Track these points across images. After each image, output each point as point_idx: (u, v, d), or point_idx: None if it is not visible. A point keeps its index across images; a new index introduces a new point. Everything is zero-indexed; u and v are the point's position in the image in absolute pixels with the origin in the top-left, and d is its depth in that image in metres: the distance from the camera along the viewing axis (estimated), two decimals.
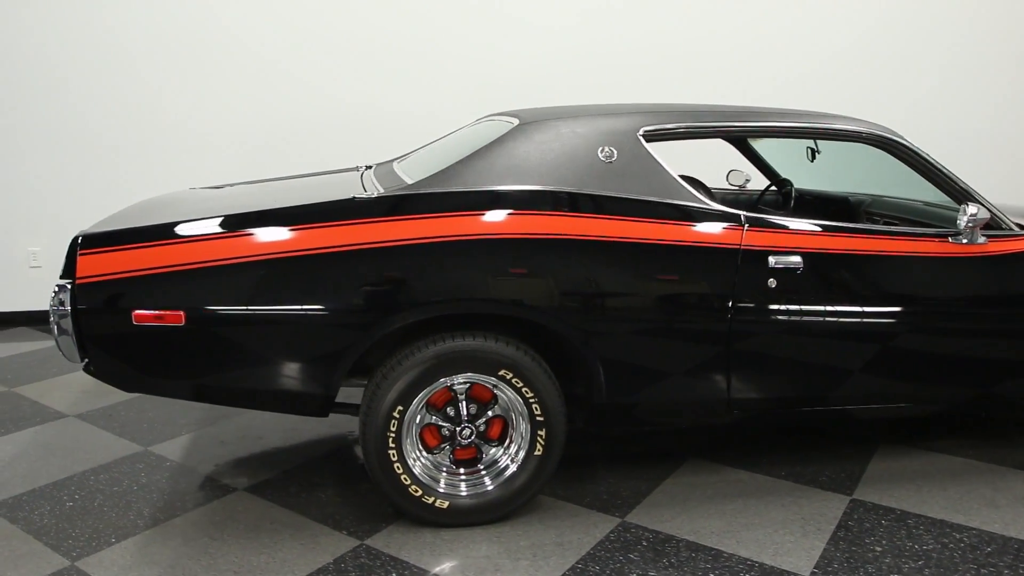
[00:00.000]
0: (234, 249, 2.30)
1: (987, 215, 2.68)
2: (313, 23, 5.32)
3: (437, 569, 2.32)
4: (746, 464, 3.03)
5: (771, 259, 2.55)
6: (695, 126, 2.70)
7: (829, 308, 2.62)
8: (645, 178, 2.55)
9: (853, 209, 3.56)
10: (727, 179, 4.17)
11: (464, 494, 2.53)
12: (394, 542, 2.46)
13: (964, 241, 2.73)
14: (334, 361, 2.37)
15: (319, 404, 2.46)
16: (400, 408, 2.42)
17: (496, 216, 2.42)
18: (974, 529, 2.57)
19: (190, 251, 2.30)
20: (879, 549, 2.45)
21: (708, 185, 3.28)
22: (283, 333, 2.34)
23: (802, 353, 2.65)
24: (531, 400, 2.48)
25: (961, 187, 2.83)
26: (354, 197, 2.41)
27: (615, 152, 2.56)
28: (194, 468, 2.97)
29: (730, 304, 2.53)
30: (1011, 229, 2.84)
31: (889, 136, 2.81)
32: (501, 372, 2.45)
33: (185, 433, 3.29)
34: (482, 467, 2.56)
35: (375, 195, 2.43)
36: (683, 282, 2.52)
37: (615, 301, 2.48)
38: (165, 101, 5.27)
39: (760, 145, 4.00)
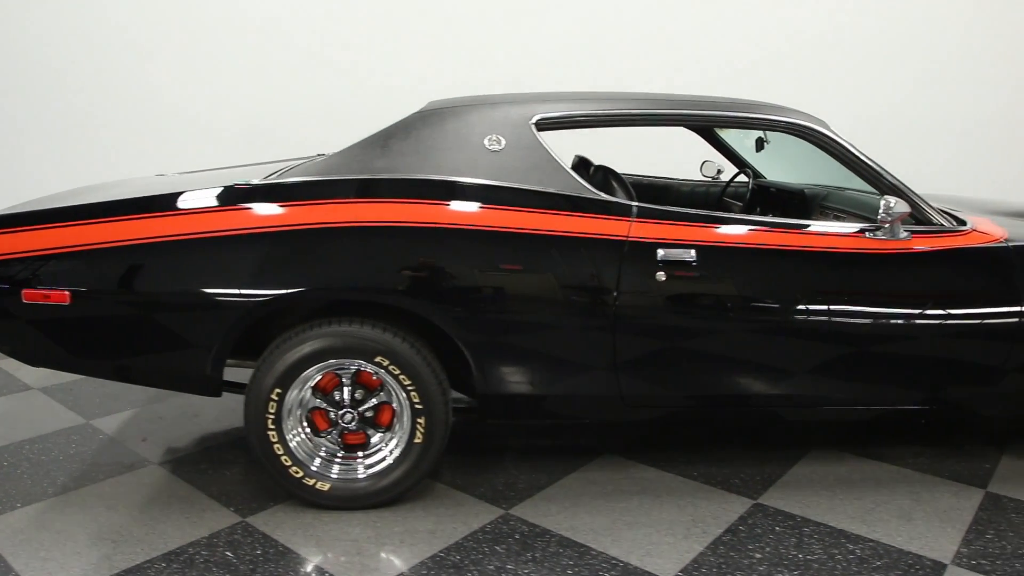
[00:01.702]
0: (114, 233, 2.40)
1: (906, 209, 2.52)
2: (322, 9, 5.39)
3: (302, 550, 2.37)
4: (660, 462, 2.95)
5: (660, 251, 2.47)
6: (593, 114, 2.64)
7: (725, 304, 2.53)
8: (531, 167, 2.52)
9: (809, 202, 3.40)
10: (700, 170, 4.05)
11: (345, 477, 2.57)
12: (273, 521, 2.52)
13: (883, 236, 2.58)
14: (212, 344, 2.44)
15: (207, 384, 2.53)
16: (279, 391, 2.47)
17: (369, 205, 2.43)
18: (871, 541, 2.44)
19: (76, 234, 2.41)
20: (759, 556, 2.35)
21: (635, 174, 3.21)
22: (162, 315, 2.43)
23: (697, 350, 2.56)
24: (409, 388, 2.49)
25: (889, 181, 2.67)
26: (232, 185, 2.48)
27: (503, 141, 2.53)
28: (123, 442, 3.12)
29: (614, 297, 2.46)
30: (940, 225, 2.66)
31: (811, 127, 2.67)
32: (378, 359, 2.46)
33: (130, 409, 3.45)
34: (361, 453, 2.59)
35: (252, 183, 2.49)
36: (563, 273, 2.47)
37: (492, 292, 2.46)
38: (164, 88, 5.33)
39: (730, 136, 3.87)
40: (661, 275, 2.47)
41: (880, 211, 2.52)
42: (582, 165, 3.48)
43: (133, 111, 5.41)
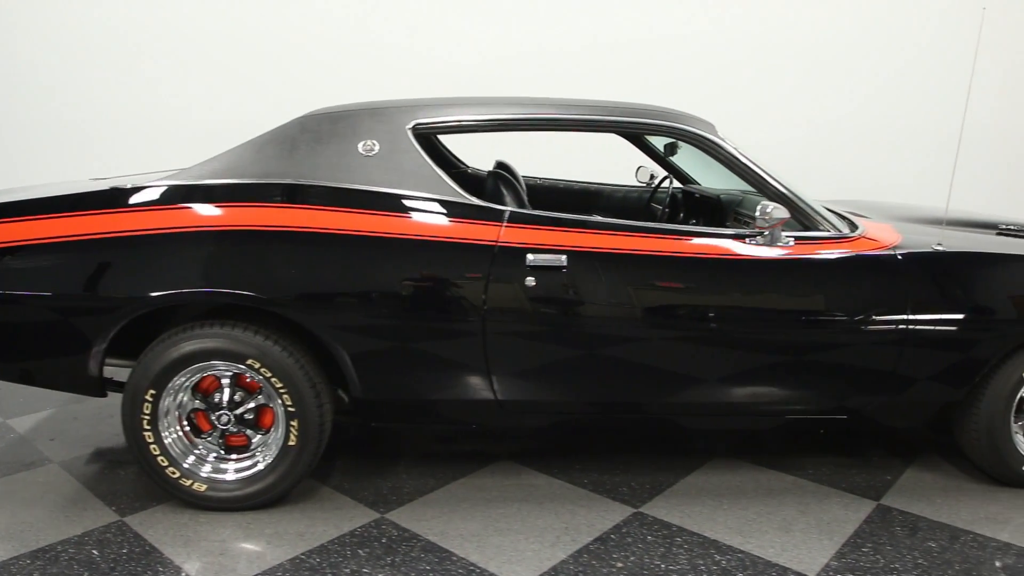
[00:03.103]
0: (5, 234, 2.45)
1: (784, 215, 2.49)
2: (313, 17, 5.44)
3: (168, 549, 2.39)
4: (554, 469, 2.94)
5: (529, 256, 2.46)
6: (472, 120, 2.64)
7: (597, 310, 2.51)
8: (405, 173, 2.52)
9: (724, 208, 3.36)
10: (636, 176, 4.03)
11: (221, 478, 2.58)
12: (148, 521, 2.54)
13: (762, 242, 2.55)
14: (86, 345, 2.47)
15: (89, 385, 2.57)
16: (153, 392, 2.50)
17: (239, 209, 2.45)
18: (741, 553, 2.40)
19: None
20: (620, 565, 2.33)
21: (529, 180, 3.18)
22: (39, 316, 2.47)
23: (570, 356, 2.55)
24: (281, 391, 2.50)
25: (774, 186, 2.63)
26: (113, 188, 2.52)
27: (377, 145, 2.54)
28: (32, 441, 3.17)
29: (483, 302, 2.45)
30: (826, 231, 2.62)
31: (694, 131, 2.65)
32: (249, 362, 2.48)
33: (49, 408, 3.51)
34: (235, 455, 2.61)
35: (132, 185, 2.52)
36: (432, 279, 2.47)
37: (361, 296, 2.46)
38: (156, 87, 5.40)
39: (658, 142, 3.84)
40: (531, 280, 2.46)
41: (757, 217, 2.48)
42: (499, 170, 3.48)
43: (125, 111, 5.45)
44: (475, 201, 2.51)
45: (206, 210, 2.46)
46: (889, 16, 5.52)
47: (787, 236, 2.57)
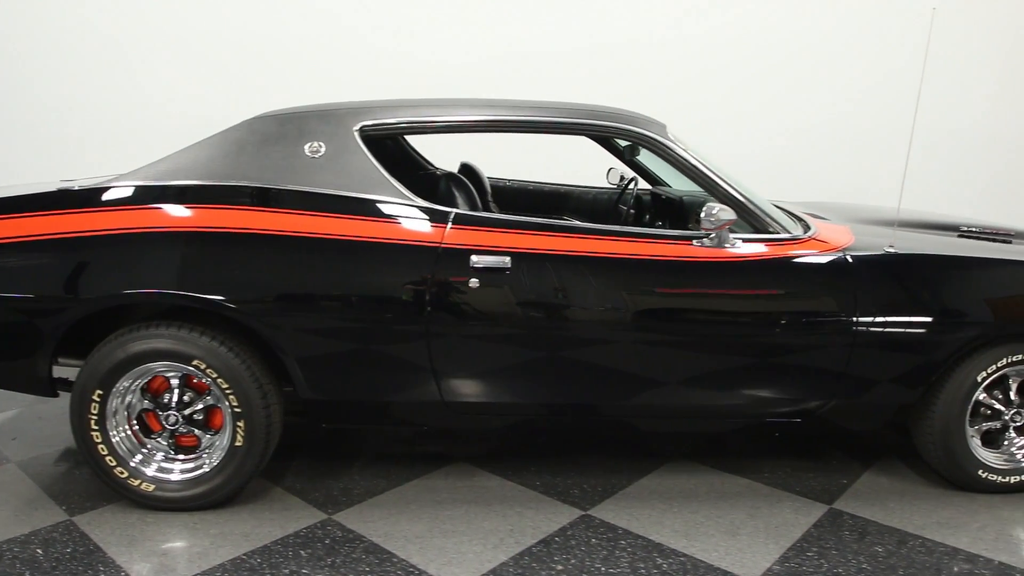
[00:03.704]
0: None
1: (730, 217, 2.47)
2: (301, 18, 5.43)
3: (111, 549, 2.40)
4: (508, 471, 2.93)
5: (473, 258, 2.46)
6: (420, 121, 2.64)
7: (542, 311, 2.50)
8: (350, 174, 2.53)
9: (687, 210, 3.34)
10: (607, 177, 4.02)
11: (167, 479, 2.59)
12: (96, 521, 2.55)
13: (709, 244, 2.53)
14: (34, 346, 2.49)
15: (39, 384, 2.59)
16: (100, 392, 2.51)
17: (180, 209, 2.47)
18: (684, 556, 2.39)
19: None
20: (560, 568, 2.32)
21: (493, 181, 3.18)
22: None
23: (515, 357, 2.54)
24: (227, 391, 2.51)
25: (724, 188, 2.62)
26: (59, 189, 2.54)
27: (323, 147, 2.55)
28: None
29: (427, 303, 2.45)
30: (776, 233, 2.60)
31: (643, 132, 2.64)
32: (195, 363, 2.49)
33: (15, 408, 3.53)
34: (182, 455, 2.62)
35: (77, 187, 2.54)
36: (376, 280, 2.47)
37: (305, 298, 2.47)
38: (150, 87, 5.41)
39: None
40: (474, 281, 2.45)
41: (702, 218, 2.47)
42: (463, 172, 3.48)
43: (118, 111, 5.45)
44: (420, 202, 2.51)
45: (149, 211, 2.47)
46: (880, 17, 5.49)
47: (735, 238, 2.55)
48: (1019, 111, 5.69)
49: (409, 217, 2.49)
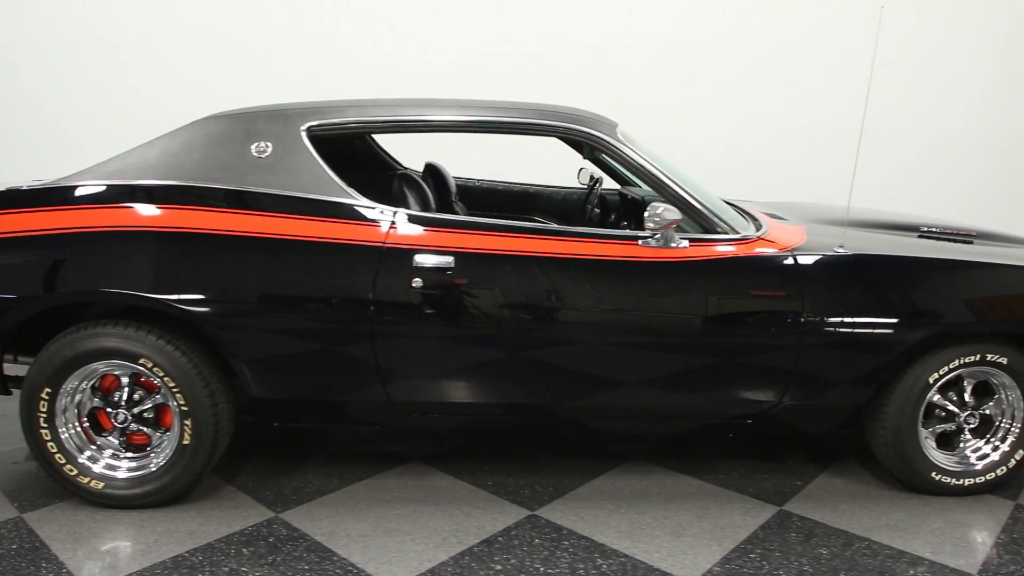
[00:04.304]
0: None
1: (675, 216, 2.46)
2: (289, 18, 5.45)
3: (56, 546, 2.41)
4: (461, 471, 2.93)
5: (416, 258, 2.46)
6: (365, 121, 2.64)
7: (485, 311, 2.50)
8: (295, 174, 2.53)
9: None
10: (577, 177, 4.02)
11: (114, 476, 2.61)
12: (46, 518, 2.57)
13: (655, 244, 2.52)
14: None
15: None
16: (49, 390, 2.53)
17: (126, 208, 2.48)
18: (626, 557, 2.38)
19: None
20: (499, 568, 2.32)
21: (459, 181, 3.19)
22: None
23: (461, 357, 2.54)
24: (174, 389, 2.52)
25: (673, 188, 2.61)
26: (9, 188, 2.56)
27: (269, 147, 2.56)
28: None
29: (370, 303, 2.46)
30: (725, 233, 2.59)
31: (589, 132, 2.64)
32: (141, 361, 2.51)
33: None
34: (130, 453, 2.63)
35: (27, 186, 2.56)
36: (320, 280, 2.48)
37: (249, 297, 2.48)
38: (145, 88, 5.48)
39: None
40: (418, 281, 2.46)
41: (646, 218, 2.46)
42: (428, 172, 3.49)
43: (112, 111, 5.48)
44: (365, 202, 2.52)
45: (96, 211, 2.48)
46: (860, 19, 5.46)
47: (681, 238, 2.54)
48: (1007, 113, 5.64)
49: (353, 217, 2.49)
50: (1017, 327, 2.64)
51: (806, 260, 2.57)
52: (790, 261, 2.56)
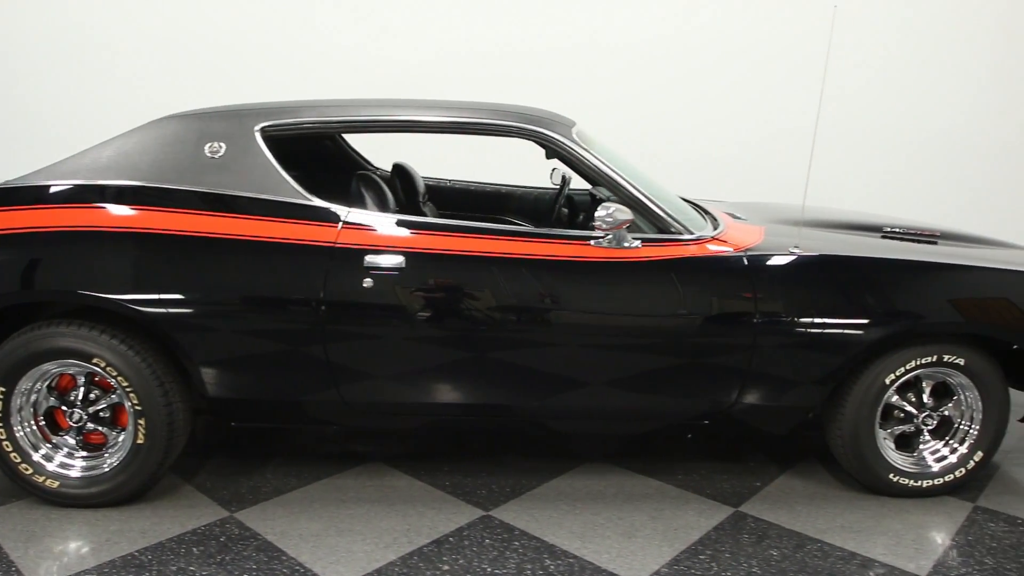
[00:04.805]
0: None
1: (626, 217, 2.46)
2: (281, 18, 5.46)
3: (8, 544, 2.42)
4: (420, 471, 2.93)
5: (366, 258, 2.46)
6: (318, 121, 2.65)
7: (435, 311, 2.50)
8: (249, 174, 2.54)
9: None
10: (550, 177, 4.01)
11: (67, 475, 2.62)
12: (1, 517, 2.58)
13: (607, 245, 2.52)
14: None
15: None
16: (3, 390, 2.54)
17: (80, 208, 2.49)
18: (575, 558, 2.37)
19: None
20: (446, 568, 2.32)
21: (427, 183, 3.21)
22: None
23: (412, 357, 2.54)
24: (127, 389, 2.53)
25: (625, 188, 2.60)
26: None
27: (223, 148, 2.56)
28: None
29: (320, 302, 2.46)
30: (679, 233, 2.58)
31: (542, 132, 2.63)
32: (95, 360, 2.51)
33: None
34: (85, 452, 2.64)
35: None
36: (271, 280, 2.49)
37: (201, 297, 2.48)
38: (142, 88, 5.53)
39: None
40: (368, 281, 2.46)
41: (596, 219, 2.46)
42: (396, 173, 3.50)
43: (104, 112, 5.49)
44: (315, 202, 2.52)
45: (49, 211, 2.50)
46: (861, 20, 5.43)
47: (634, 238, 2.54)
48: (996, 114, 5.60)
49: (304, 217, 2.50)
50: (974, 328, 2.63)
51: (757, 260, 2.56)
52: (740, 261, 2.55)
